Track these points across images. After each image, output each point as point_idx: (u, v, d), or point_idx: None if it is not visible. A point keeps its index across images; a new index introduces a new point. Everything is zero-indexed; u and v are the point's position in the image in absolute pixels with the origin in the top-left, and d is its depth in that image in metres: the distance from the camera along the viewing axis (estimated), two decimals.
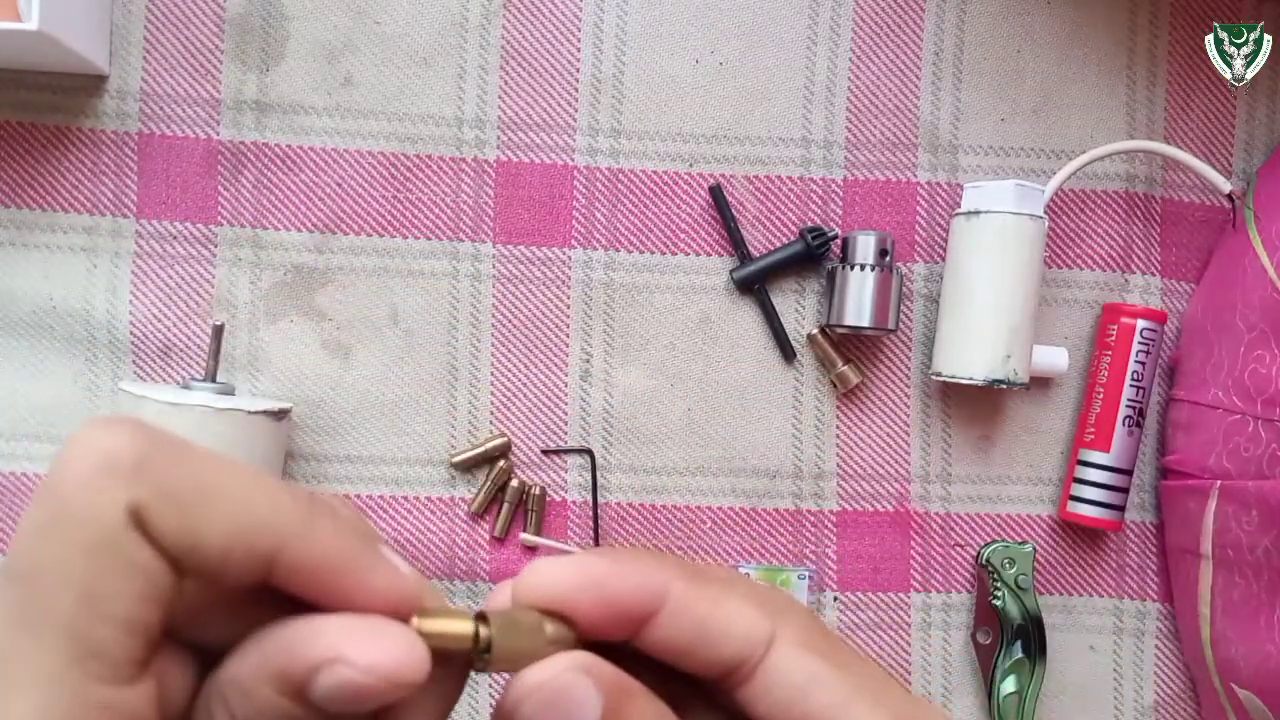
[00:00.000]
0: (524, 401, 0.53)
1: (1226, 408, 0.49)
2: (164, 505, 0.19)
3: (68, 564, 0.18)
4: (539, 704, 0.21)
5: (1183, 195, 0.55)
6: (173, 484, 0.19)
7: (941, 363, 0.51)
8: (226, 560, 0.19)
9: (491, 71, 0.53)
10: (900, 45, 0.54)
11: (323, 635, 0.19)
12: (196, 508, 0.19)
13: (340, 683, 0.19)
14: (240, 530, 0.19)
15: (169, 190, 0.51)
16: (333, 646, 0.19)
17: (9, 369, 0.51)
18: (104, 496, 0.19)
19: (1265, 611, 0.47)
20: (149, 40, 0.51)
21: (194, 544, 0.19)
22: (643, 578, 0.22)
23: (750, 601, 0.23)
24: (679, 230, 0.53)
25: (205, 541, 0.19)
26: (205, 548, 0.19)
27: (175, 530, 0.19)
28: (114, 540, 0.19)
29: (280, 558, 0.20)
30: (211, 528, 0.19)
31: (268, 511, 0.20)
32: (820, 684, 0.22)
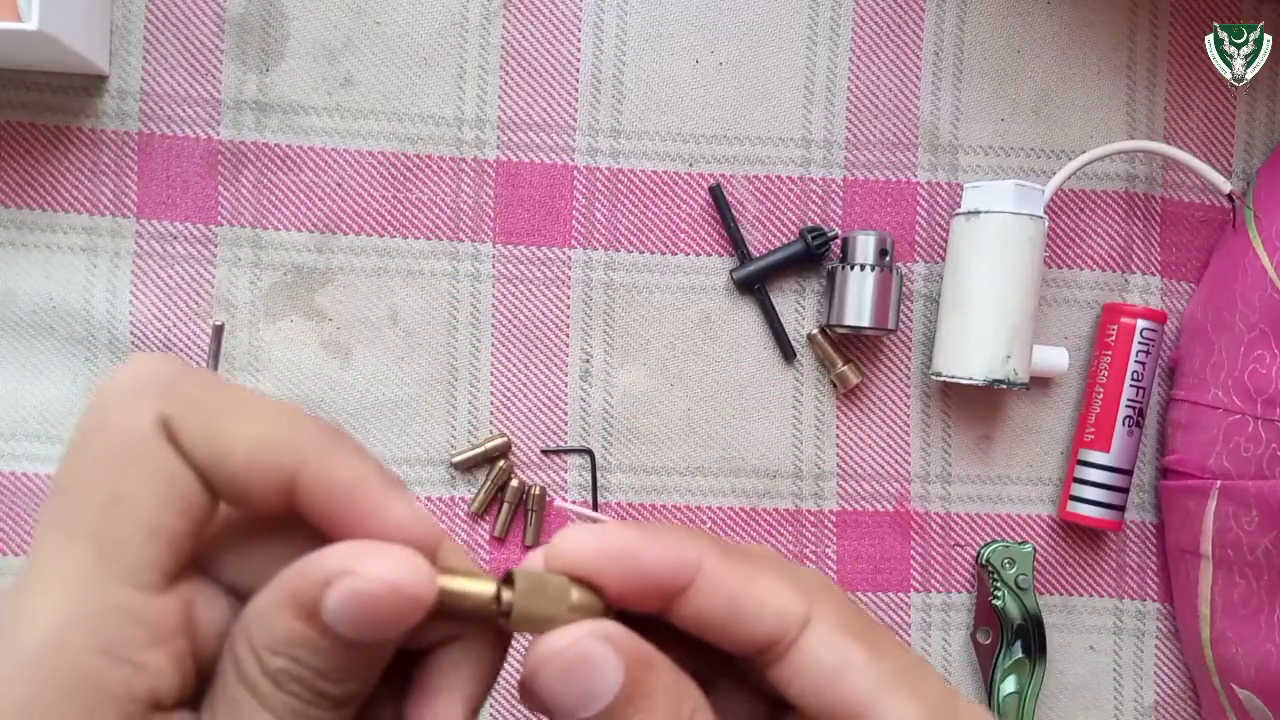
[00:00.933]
0: (524, 401, 0.53)
1: (1226, 408, 0.49)
2: (191, 417, 0.20)
3: (98, 470, 0.19)
4: (558, 669, 0.21)
5: (1183, 195, 0.55)
6: (200, 400, 0.20)
7: (941, 363, 0.51)
8: (250, 474, 0.20)
9: (491, 71, 0.53)
10: (900, 45, 0.54)
11: (335, 554, 0.20)
12: (221, 421, 0.20)
13: (347, 592, 0.19)
14: (263, 444, 0.20)
15: (169, 190, 0.51)
16: (343, 559, 0.19)
17: (9, 369, 0.51)
18: (135, 408, 0.20)
19: (1265, 611, 0.47)
20: (149, 40, 0.51)
21: (219, 455, 0.20)
22: (674, 551, 0.22)
23: (786, 581, 0.23)
24: (679, 230, 0.53)
25: (230, 453, 0.20)
26: (230, 460, 0.20)
27: (201, 440, 0.20)
28: (142, 448, 0.20)
29: (301, 480, 0.20)
30: (236, 440, 0.20)
31: (289, 430, 0.20)
32: (854, 669, 0.22)
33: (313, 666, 0.19)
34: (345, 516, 0.20)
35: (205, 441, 0.20)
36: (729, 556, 0.23)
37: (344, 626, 0.19)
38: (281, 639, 0.19)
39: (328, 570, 0.19)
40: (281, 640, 0.19)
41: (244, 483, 0.20)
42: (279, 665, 0.19)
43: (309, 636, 0.19)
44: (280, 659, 0.19)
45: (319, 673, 0.20)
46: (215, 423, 0.20)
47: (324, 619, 0.19)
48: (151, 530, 0.19)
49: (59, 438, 0.51)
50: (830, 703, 0.22)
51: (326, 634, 0.19)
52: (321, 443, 0.20)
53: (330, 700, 0.20)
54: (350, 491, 0.20)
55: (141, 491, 0.19)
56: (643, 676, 0.21)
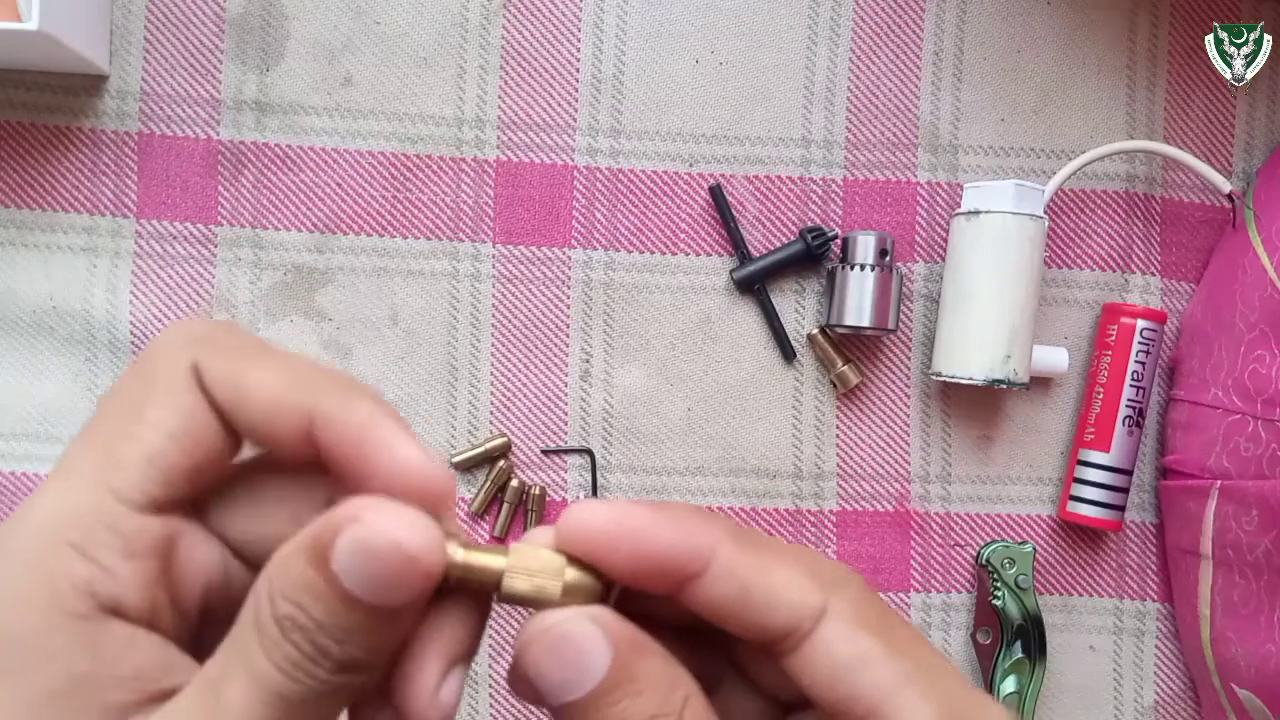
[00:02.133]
0: (524, 401, 0.53)
1: (1226, 408, 0.49)
2: (219, 361, 0.22)
3: (127, 398, 0.22)
4: (543, 648, 0.21)
5: (1183, 195, 0.55)
6: (231, 348, 0.22)
7: (941, 363, 0.51)
8: (270, 414, 0.22)
9: (491, 71, 0.53)
10: (900, 45, 0.54)
11: (350, 503, 0.20)
12: (246, 366, 0.22)
13: (352, 541, 0.19)
14: (282, 387, 0.22)
15: (169, 190, 0.51)
16: (355, 508, 0.20)
17: (9, 369, 0.51)
18: (173, 352, 0.22)
19: (1265, 611, 0.47)
20: (149, 40, 0.51)
21: (241, 395, 0.22)
22: (689, 534, 0.22)
23: (803, 570, 0.22)
24: (679, 230, 0.53)
25: (251, 393, 0.22)
26: (251, 400, 0.22)
27: (225, 382, 0.22)
28: (169, 384, 0.22)
29: (316, 420, 0.21)
30: (257, 383, 0.22)
31: (307, 376, 0.22)
32: (869, 664, 0.21)
33: (316, 618, 0.20)
34: (358, 455, 0.21)
35: (229, 383, 0.22)
36: (745, 543, 0.22)
37: (349, 578, 0.19)
38: (292, 584, 0.20)
39: (339, 519, 0.20)
40: (292, 585, 0.20)
41: (265, 422, 0.22)
42: (286, 610, 0.20)
43: (316, 584, 0.20)
44: (288, 604, 0.20)
45: (321, 626, 0.20)
46: (240, 367, 0.22)
47: (331, 568, 0.20)
48: (152, 456, 0.21)
49: (59, 438, 0.51)
50: (843, 697, 0.21)
51: (332, 583, 0.20)
52: (337, 387, 0.22)
53: (331, 662, 0.20)
54: (362, 430, 0.21)
55: (156, 422, 0.21)
56: (631, 661, 0.21)
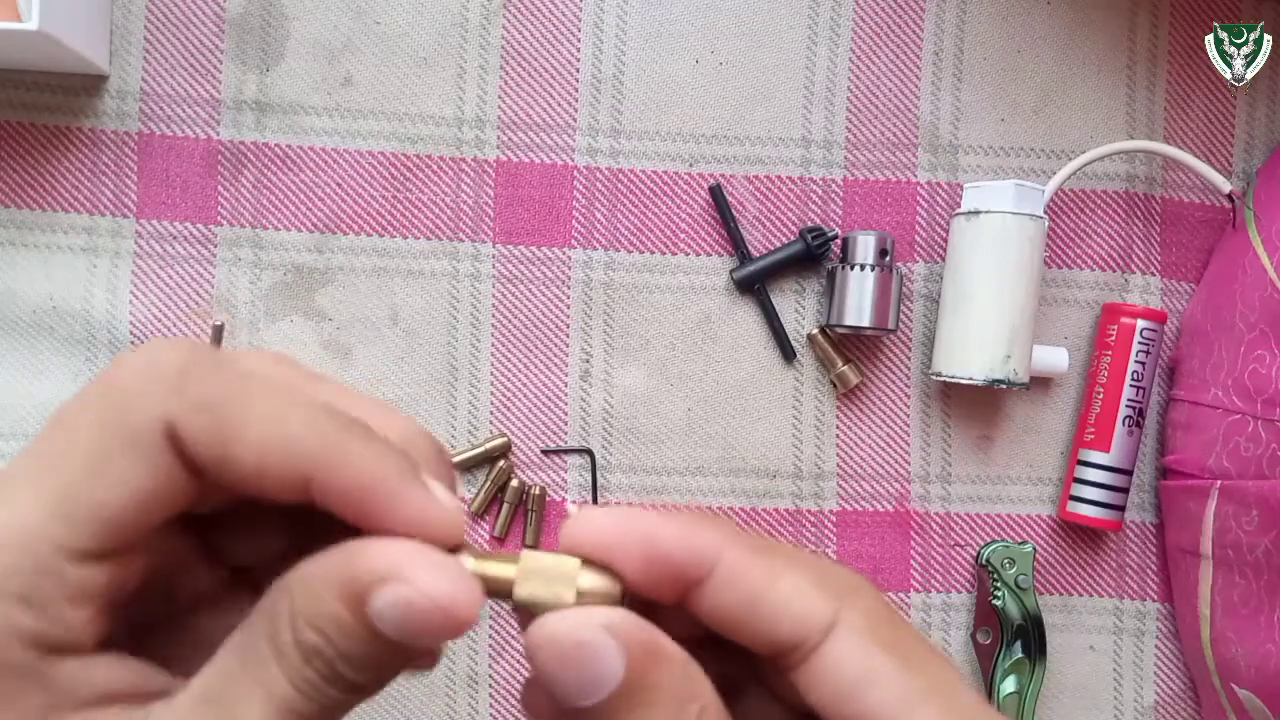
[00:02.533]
0: (524, 401, 0.53)
1: (1226, 408, 0.49)
2: (199, 416, 0.20)
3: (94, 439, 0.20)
4: (555, 654, 0.20)
5: (1183, 195, 0.55)
6: (212, 398, 0.20)
7: (941, 363, 0.51)
8: (262, 475, 0.20)
9: (491, 71, 0.53)
10: (900, 45, 0.54)
11: (392, 553, 0.20)
12: (232, 422, 0.20)
13: (397, 599, 0.19)
14: (273, 447, 0.20)
15: (169, 190, 0.51)
16: (398, 563, 0.20)
17: (9, 369, 0.51)
18: (144, 399, 0.20)
19: (1265, 611, 0.47)
20: (149, 40, 0.51)
21: (228, 457, 0.20)
22: (693, 539, 0.21)
23: (812, 580, 0.21)
24: (679, 230, 0.53)
25: (239, 456, 0.20)
26: (240, 462, 0.20)
27: (208, 442, 0.20)
28: (140, 441, 0.20)
29: (315, 480, 0.20)
30: (245, 442, 0.20)
31: (302, 431, 0.20)
32: (879, 681, 0.20)
33: (343, 651, 0.20)
34: (363, 514, 0.21)
35: (213, 444, 0.20)
36: (751, 550, 0.22)
37: (387, 626, 0.20)
38: (323, 618, 0.20)
39: (383, 570, 0.20)
40: (322, 619, 0.20)
41: (256, 483, 0.20)
42: (311, 640, 0.20)
43: (349, 625, 0.20)
44: (314, 635, 0.20)
45: (346, 657, 0.20)
46: (224, 424, 0.20)
47: (369, 613, 0.20)
48: (109, 517, 0.20)
49: None
50: (853, 715, 0.21)
51: (367, 627, 0.20)
52: (335, 442, 0.20)
53: (345, 684, 0.20)
54: (364, 490, 0.20)
55: (119, 480, 0.20)
56: (647, 669, 0.20)
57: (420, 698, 0.52)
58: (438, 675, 0.52)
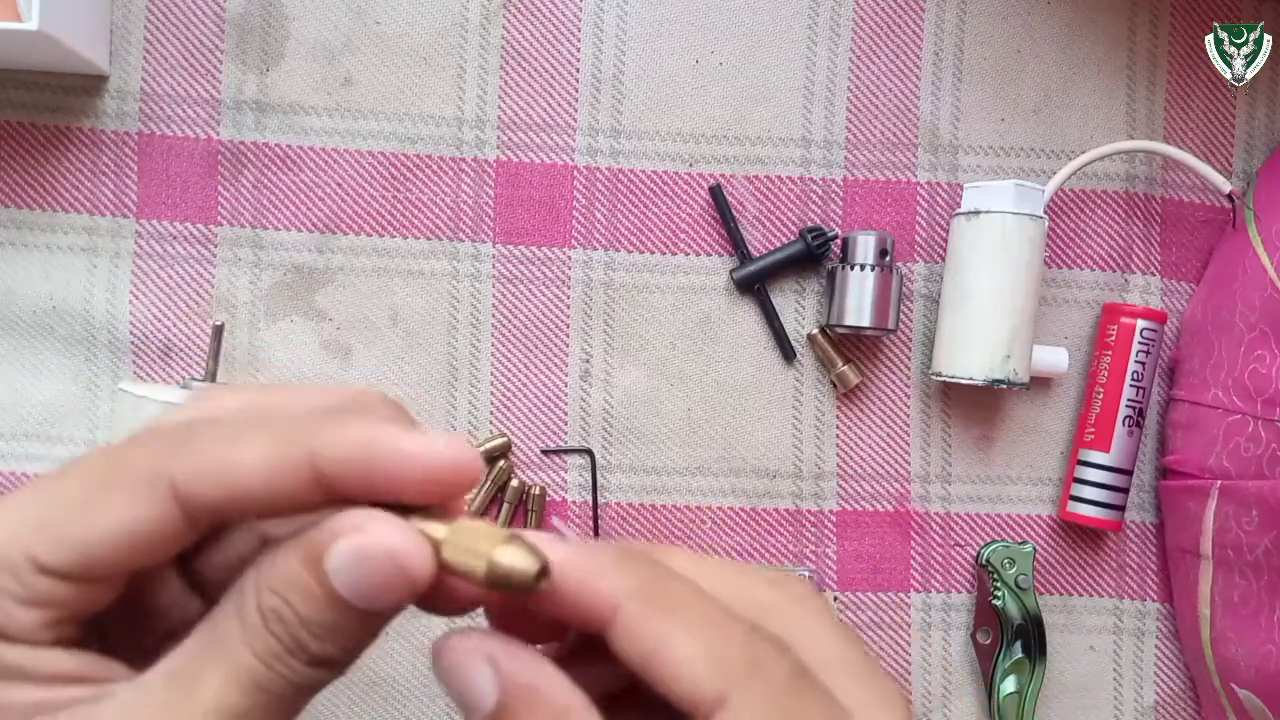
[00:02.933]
0: (524, 401, 0.53)
1: (1226, 408, 0.49)
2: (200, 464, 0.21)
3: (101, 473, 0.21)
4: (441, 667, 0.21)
5: (1183, 195, 0.55)
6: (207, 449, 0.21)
7: (941, 363, 0.51)
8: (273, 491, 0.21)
9: (491, 71, 0.53)
10: (900, 45, 0.54)
11: (349, 514, 0.21)
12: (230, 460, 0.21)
13: (352, 548, 0.20)
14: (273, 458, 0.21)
15: (169, 190, 0.51)
16: (355, 520, 0.21)
17: (9, 369, 0.51)
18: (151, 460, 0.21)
19: (1265, 611, 0.47)
20: (149, 40, 0.51)
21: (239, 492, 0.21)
22: (592, 586, 0.21)
23: (705, 651, 0.20)
24: (679, 230, 0.53)
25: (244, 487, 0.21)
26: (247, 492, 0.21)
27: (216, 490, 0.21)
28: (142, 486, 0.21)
29: (319, 468, 0.21)
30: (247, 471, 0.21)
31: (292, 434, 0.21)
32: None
33: (301, 613, 0.21)
34: (371, 473, 0.21)
35: (220, 488, 0.21)
36: (650, 606, 0.21)
37: (340, 580, 0.21)
38: (282, 580, 0.21)
39: (339, 527, 0.21)
40: (281, 581, 0.21)
41: (274, 499, 0.21)
42: (272, 603, 0.21)
43: (306, 583, 0.21)
44: (275, 598, 0.21)
45: (304, 621, 0.21)
46: (224, 465, 0.21)
47: (324, 568, 0.21)
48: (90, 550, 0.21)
49: (59, 438, 0.51)
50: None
51: (322, 584, 0.21)
52: (325, 425, 0.21)
53: (305, 655, 0.21)
54: (365, 450, 0.21)
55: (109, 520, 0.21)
56: (518, 707, 0.20)
57: (420, 698, 0.52)
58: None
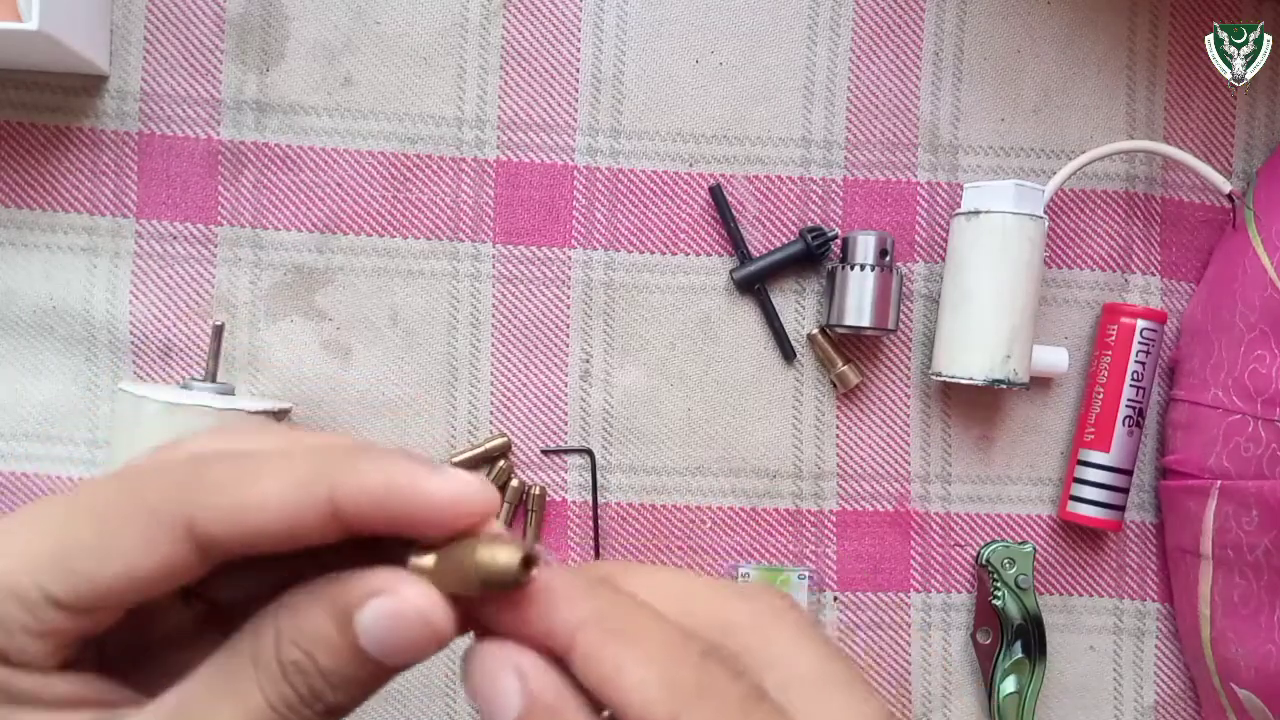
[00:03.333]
0: (524, 401, 0.53)
1: (1226, 408, 0.49)
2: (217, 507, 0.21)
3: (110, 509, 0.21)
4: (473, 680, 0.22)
5: (1183, 195, 0.55)
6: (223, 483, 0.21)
7: (941, 363, 0.51)
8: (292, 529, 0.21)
9: (491, 71, 0.53)
10: (900, 45, 0.54)
11: (380, 574, 0.21)
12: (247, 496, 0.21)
13: (386, 609, 0.21)
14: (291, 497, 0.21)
15: (169, 190, 0.51)
16: (387, 581, 0.21)
17: (9, 369, 0.51)
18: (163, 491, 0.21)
19: (1265, 611, 0.47)
20: (149, 40, 0.51)
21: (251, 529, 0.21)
22: (544, 612, 0.21)
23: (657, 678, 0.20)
24: (679, 230, 0.53)
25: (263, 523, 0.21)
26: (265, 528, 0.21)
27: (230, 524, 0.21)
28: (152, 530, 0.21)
29: (337, 504, 0.21)
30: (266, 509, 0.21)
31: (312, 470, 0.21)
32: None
33: (323, 668, 0.21)
34: (392, 512, 0.21)
35: (238, 527, 0.21)
36: (605, 634, 0.21)
37: (368, 638, 0.21)
38: (307, 634, 0.21)
39: (371, 587, 0.21)
40: (307, 635, 0.21)
41: (289, 535, 0.21)
42: (294, 657, 0.21)
43: (334, 641, 0.21)
44: (298, 652, 0.21)
45: (325, 675, 0.21)
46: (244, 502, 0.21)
47: (355, 628, 0.21)
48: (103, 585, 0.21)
49: (59, 438, 0.51)
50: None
51: (350, 644, 0.21)
52: (345, 463, 0.21)
53: (321, 706, 0.21)
54: (387, 491, 0.21)
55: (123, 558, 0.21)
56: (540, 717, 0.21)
57: (420, 698, 0.52)
58: (438, 675, 0.52)
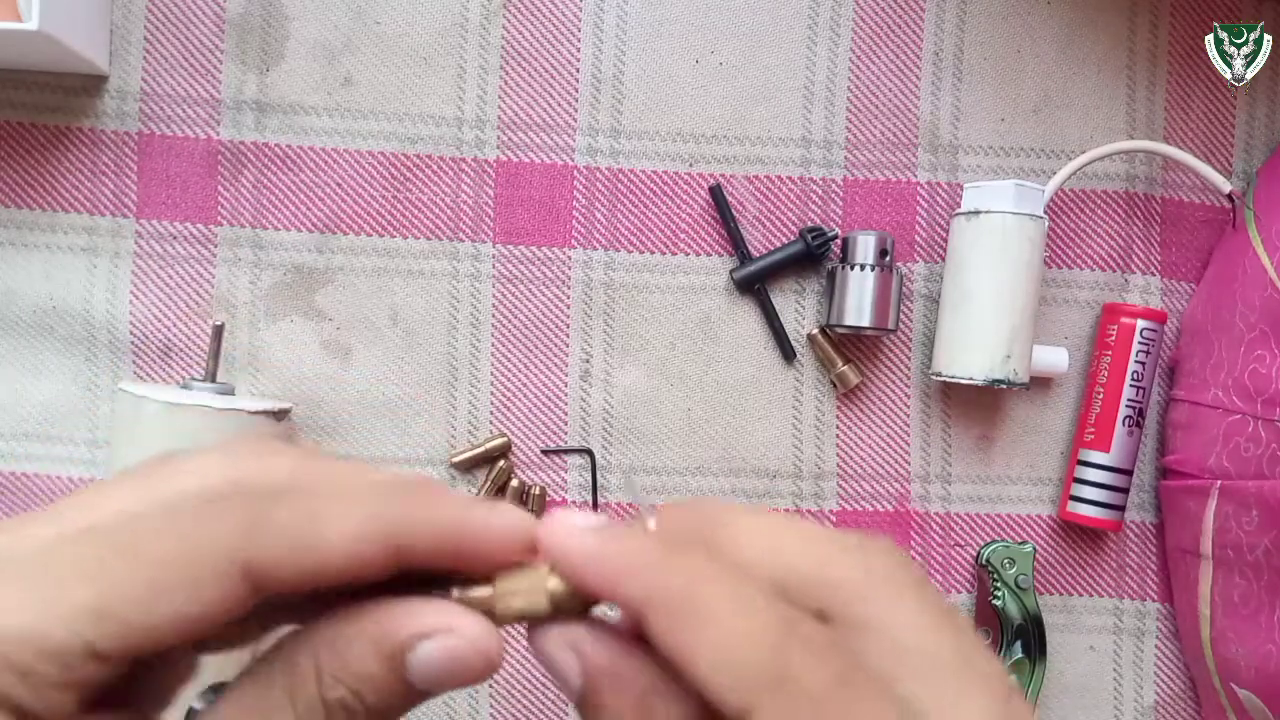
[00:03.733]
0: (524, 401, 0.53)
1: (1226, 408, 0.49)
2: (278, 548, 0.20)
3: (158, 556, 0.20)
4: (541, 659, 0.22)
5: (1183, 195, 0.55)
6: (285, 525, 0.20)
7: (941, 363, 0.51)
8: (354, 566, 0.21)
9: (491, 71, 0.53)
10: (900, 45, 0.54)
11: (430, 609, 0.21)
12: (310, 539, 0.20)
13: (445, 649, 0.21)
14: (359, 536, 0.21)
15: (169, 190, 0.51)
16: (445, 619, 0.21)
17: (9, 369, 0.51)
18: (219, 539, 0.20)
19: (1265, 611, 0.47)
20: (149, 40, 0.51)
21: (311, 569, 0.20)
22: (616, 594, 0.21)
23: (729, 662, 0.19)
24: (679, 230, 0.53)
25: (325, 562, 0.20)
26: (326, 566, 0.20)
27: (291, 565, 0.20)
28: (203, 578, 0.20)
29: (403, 542, 0.21)
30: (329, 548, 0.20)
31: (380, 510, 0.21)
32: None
33: (370, 705, 0.21)
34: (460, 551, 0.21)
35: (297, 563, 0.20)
36: (675, 613, 0.20)
37: (423, 677, 0.21)
38: (354, 674, 0.21)
39: (426, 625, 0.21)
40: (353, 675, 0.21)
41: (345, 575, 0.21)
42: (339, 695, 0.21)
43: (383, 680, 0.21)
44: (342, 690, 0.21)
45: (369, 710, 0.21)
46: (306, 542, 0.20)
47: (406, 666, 0.21)
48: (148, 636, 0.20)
49: (59, 438, 0.51)
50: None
51: (400, 681, 0.21)
52: (412, 504, 0.21)
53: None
54: (456, 530, 0.21)
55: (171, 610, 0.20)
56: (600, 689, 0.21)
57: None
58: None
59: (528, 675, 0.52)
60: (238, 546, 0.20)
